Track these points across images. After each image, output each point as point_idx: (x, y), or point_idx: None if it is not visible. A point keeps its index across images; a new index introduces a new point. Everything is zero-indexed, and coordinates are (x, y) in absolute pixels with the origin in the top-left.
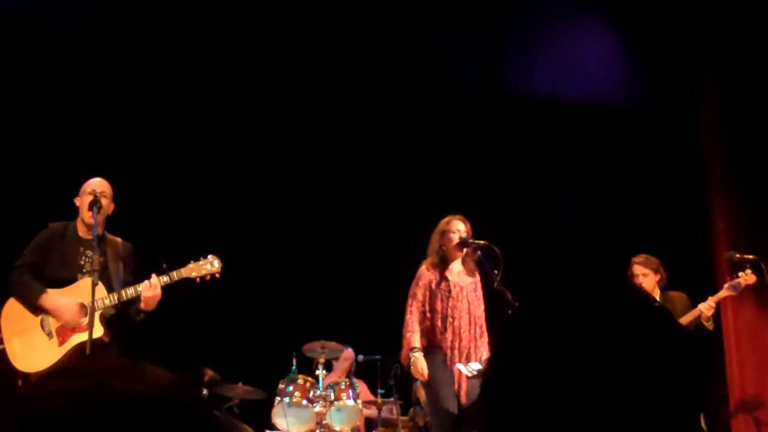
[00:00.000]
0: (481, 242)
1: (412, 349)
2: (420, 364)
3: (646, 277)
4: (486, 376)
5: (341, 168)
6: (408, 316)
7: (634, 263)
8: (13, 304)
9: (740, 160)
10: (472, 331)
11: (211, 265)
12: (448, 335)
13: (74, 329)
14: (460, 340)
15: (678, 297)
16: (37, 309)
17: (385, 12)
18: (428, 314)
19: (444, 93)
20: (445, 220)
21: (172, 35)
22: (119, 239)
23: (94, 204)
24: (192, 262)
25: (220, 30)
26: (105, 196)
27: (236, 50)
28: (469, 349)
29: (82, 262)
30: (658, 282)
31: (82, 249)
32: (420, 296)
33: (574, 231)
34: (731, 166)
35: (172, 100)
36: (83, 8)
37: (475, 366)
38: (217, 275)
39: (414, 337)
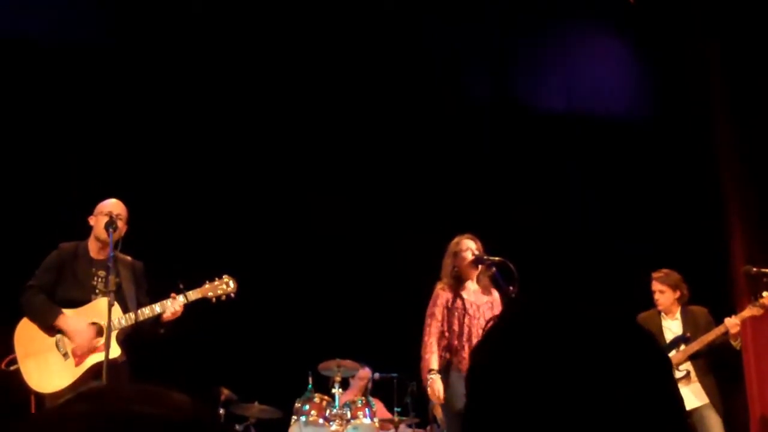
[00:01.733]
0: (496, 258)
1: (429, 371)
2: (436, 387)
3: (663, 294)
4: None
5: (357, 185)
6: (426, 338)
7: (653, 279)
8: (26, 325)
9: (756, 172)
10: None
11: (226, 285)
12: (466, 354)
13: (90, 350)
14: None
15: (699, 312)
16: (51, 329)
17: (392, 28)
18: (446, 333)
19: (456, 107)
20: (455, 240)
21: (184, 56)
22: (129, 258)
23: (111, 225)
24: (207, 282)
25: (233, 50)
26: (120, 219)
27: (252, 71)
28: None
29: (95, 283)
30: (678, 299)
31: (94, 269)
32: (438, 316)
33: (588, 245)
34: (747, 178)
35: (185, 117)
36: (99, 29)
37: None
38: (233, 295)
39: (432, 358)
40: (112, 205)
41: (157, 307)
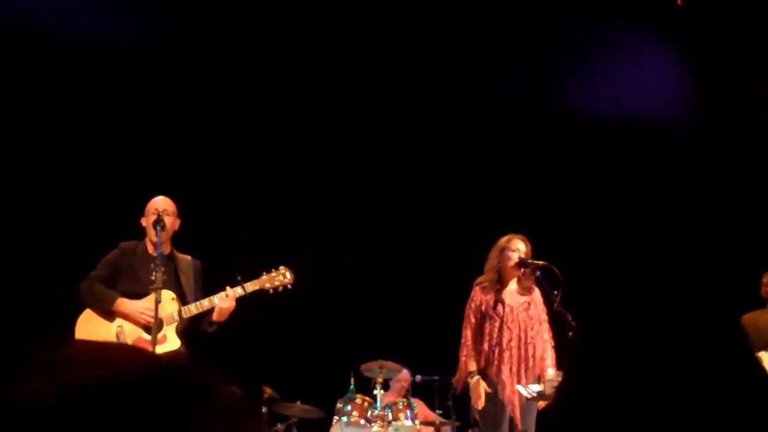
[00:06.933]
0: (540, 262)
1: (470, 373)
2: (480, 387)
3: None
4: None
5: (401, 189)
6: (463, 339)
7: None
8: (86, 318)
9: None
10: (523, 352)
11: (283, 277)
12: (495, 359)
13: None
14: (511, 363)
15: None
16: (110, 315)
17: (436, 35)
18: (478, 337)
19: (501, 112)
20: (506, 238)
21: (225, 55)
22: (188, 257)
23: (158, 223)
24: (264, 273)
25: (273, 52)
26: (168, 214)
27: (299, 72)
28: (519, 370)
29: (154, 278)
30: None
31: (152, 266)
32: (472, 318)
33: (632, 250)
34: None
35: (237, 114)
36: (142, 32)
37: (535, 388)
38: (289, 286)
39: (470, 361)
40: (158, 203)
41: (215, 298)
